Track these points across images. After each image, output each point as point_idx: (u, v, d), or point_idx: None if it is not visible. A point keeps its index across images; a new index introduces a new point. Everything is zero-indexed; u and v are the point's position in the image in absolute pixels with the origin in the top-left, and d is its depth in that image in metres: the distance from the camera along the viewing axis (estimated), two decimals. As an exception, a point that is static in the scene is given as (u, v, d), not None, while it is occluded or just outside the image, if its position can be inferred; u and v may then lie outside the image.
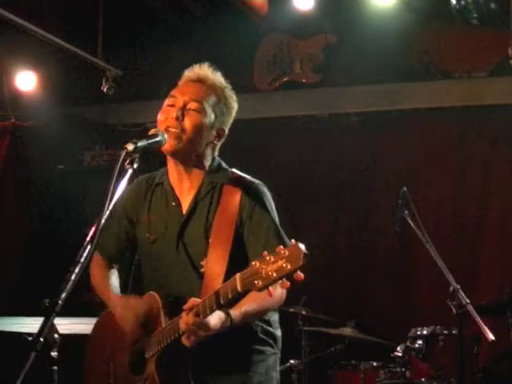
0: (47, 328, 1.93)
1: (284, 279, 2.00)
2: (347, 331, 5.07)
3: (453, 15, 5.72)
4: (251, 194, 2.59)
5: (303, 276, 1.99)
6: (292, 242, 2.02)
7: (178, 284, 2.59)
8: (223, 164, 2.72)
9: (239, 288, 2.12)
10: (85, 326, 2.94)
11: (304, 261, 1.96)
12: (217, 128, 2.64)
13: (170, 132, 2.51)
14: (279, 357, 2.73)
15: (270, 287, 2.03)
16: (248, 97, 6.27)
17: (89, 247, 2.04)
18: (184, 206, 2.64)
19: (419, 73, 6.26)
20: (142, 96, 6.62)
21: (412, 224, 4.33)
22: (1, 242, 6.27)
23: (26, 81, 6.29)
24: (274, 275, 2.00)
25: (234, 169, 2.73)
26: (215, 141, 2.66)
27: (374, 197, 6.24)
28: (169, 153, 2.58)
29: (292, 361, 5.12)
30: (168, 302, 2.51)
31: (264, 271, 2.02)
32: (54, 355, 3.43)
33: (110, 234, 2.77)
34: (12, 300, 5.77)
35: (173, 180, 2.68)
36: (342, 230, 6.36)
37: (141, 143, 2.31)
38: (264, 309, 2.55)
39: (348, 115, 6.48)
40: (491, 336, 3.83)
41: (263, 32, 6.59)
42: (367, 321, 5.44)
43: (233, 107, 2.69)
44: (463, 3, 5.60)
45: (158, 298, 2.52)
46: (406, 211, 4.40)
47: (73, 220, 6.27)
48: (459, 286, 4.09)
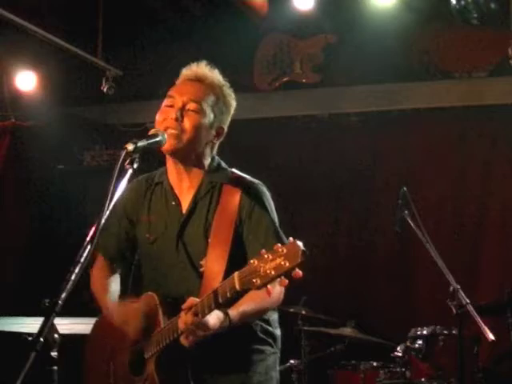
0: (47, 328, 1.93)
1: (282, 277, 1.99)
2: (347, 331, 5.07)
3: (453, 15, 5.72)
4: (251, 194, 2.59)
5: (301, 273, 1.99)
6: (290, 240, 2.01)
7: (178, 284, 2.59)
8: (223, 164, 2.72)
9: (237, 286, 2.12)
10: (85, 326, 2.94)
11: (302, 258, 1.95)
12: (216, 127, 2.63)
13: (170, 133, 2.51)
14: (279, 356, 2.73)
15: (269, 285, 2.03)
16: (248, 97, 6.27)
17: (89, 247, 2.04)
18: (184, 206, 2.64)
19: (419, 73, 6.25)
20: (142, 96, 6.61)
21: (412, 224, 4.33)
22: (1, 242, 6.27)
23: (26, 81, 6.29)
24: (273, 273, 1.99)
25: (234, 169, 2.73)
26: (214, 140, 2.66)
27: (374, 197, 6.24)
28: (168, 152, 2.58)
29: (292, 361, 5.12)
30: (166, 302, 2.51)
31: (262, 269, 2.02)
32: (54, 355, 3.42)
33: (111, 234, 2.77)
34: (12, 300, 5.77)
35: (172, 179, 2.68)
36: (342, 230, 6.36)
37: (141, 143, 2.31)
38: (263, 308, 2.54)
39: (348, 115, 6.48)
40: (491, 336, 3.83)
41: (263, 32, 6.59)
42: (367, 321, 5.45)
43: (231, 105, 2.68)
44: (463, 3, 5.60)
45: (157, 298, 2.52)
46: (406, 211, 4.40)
47: (73, 220, 6.27)
48: (459, 286, 4.09)
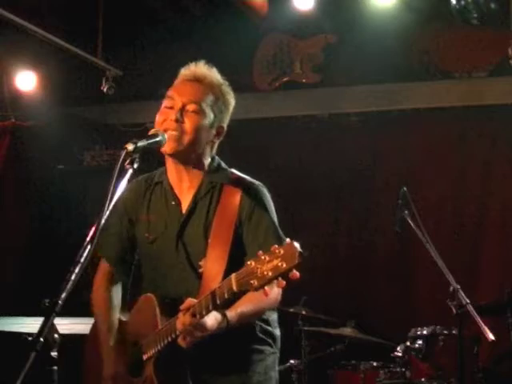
0: (47, 328, 1.93)
1: (280, 278, 1.99)
2: (347, 331, 5.07)
3: (453, 15, 5.72)
4: (251, 195, 2.59)
5: (299, 275, 1.98)
6: (287, 241, 2.01)
7: (177, 284, 2.59)
8: (223, 164, 2.72)
9: (235, 288, 2.12)
10: (85, 326, 2.94)
11: (299, 259, 1.95)
12: (216, 127, 2.63)
13: (170, 134, 2.51)
14: (278, 356, 2.73)
15: (266, 287, 2.03)
16: (248, 97, 6.28)
17: (89, 247, 2.04)
18: (184, 206, 2.64)
19: (419, 73, 6.25)
20: (142, 96, 6.61)
21: (412, 224, 4.33)
22: (1, 242, 6.27)
23: (26, 81, 6.29)
24: (270, 274, 1.99)
25: (234, 169, 2.72)
26: (215, 139, 2.66)
27: (374, 197, 6.24)
28: (168, 154, 2.58)
29: (292, 361, 5.12)
30: (165, 303, 2.51)
31: (259, 271, 2.01)
32: (54, 355, 3.42)
33: (111, 234, 2.76)
34: (12, 300, 5.77)
35: (172, 179, 2.68)
36: (342, 230, 6.36)
37: (141, 143, 2.30)
38: (260, 309, 2.54)
39: (348, 115, 6.48)
40: (491, 336, 3.83)
41: (263, 32, 6.59)
42: (367, 321, 5.45)
43: (230, 104, 2.67)
44: (463, 3, 5.59)
45: (155, 299, 2.52)
46: (406, 211, 4.40)
47: (73, 220, 6.27)
48: (459, 286, 4.09)
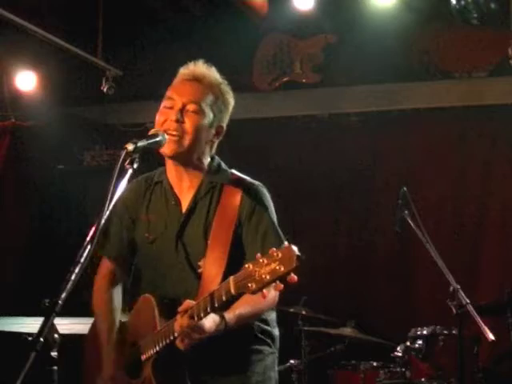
0: (47, 328, 1.93)
1: (277, 282, 2.00)
2: (347, 331, 5.07)
3: (453, 15, 5.72)
4: (251, 196, 2.58)
5: (296, 278, 1.99)
6: (285, 245, 2.01)
7: (176, 284, 2.58)
8: (223, 164, 2.71)
9: (233, 291, 2.12)
10: (85, 326, 2.94)
11: (297, 263, 1.95)
12: (216, 126, 2.63)
13: (170, 135, 2.50)
14: (277, 356, 2.72)
15: (264, 290, 2.03)
16: (248, 97, 6.28)
17: (89, 247, 2.03)
18: (183, 205, 2.64)
19: (419, 73, 6.25)
20: (142, 96, 6.61)
21: (412, 224, 4.33)
22: (1, 242, 6.27)
23: (26, 81, 6.29)
24: (268, 278, 1.99)
25: (234, 169, 2.72)
26: (214, 139, 2.66)
27: (374, 197, 6.24)
28: (168, 156, 2.58)
29: (292, 361, 5.12)
30: (163, 304, 2.51)
31: (257, 274, 2.02)
32: (54, 355, 3.42)
33: (112, 234, 2.76)
34: (12, 300, 5.77)
35: (172, 179, 2.67)
36: (342, 230, 6.36)
37: (141, 143, 2.30)
38: (258, 311, 2.54)
39: (348, 115, 6.47)
40: (491, 336, 3.83)
41: (263, 32, 6.59)
42: (367, 321, 5.45)
43: (230, 103, 2.67)
44: (463, 3, 5.59)
45: (153, 300, 2.52)
46: (406, 211, 4.40)
47: (73, 220, 6.28)
48: (459, 286, 4.09)
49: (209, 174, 2.64)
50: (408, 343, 4.68)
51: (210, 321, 2.34)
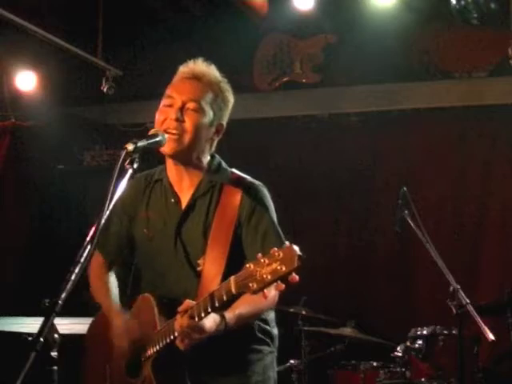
0: (47, 328, 1.92)
1: (279, 281, 1.99)
2: (347, 331, 5.07)
3: (453, 15, 5.72)
4: (251, 195, 2.58)
5: (298, 278, 1.98)
6: (286, 244, 2.00)
7: (175, 283, 2.58)
8: (223, 163, 2.71)
9: (234, 290, 2.12)
10: (85, 326, 2.94)
11: (298, 263, 1.95)
12: (216, 124, 2.63)
13: (170, 134, 2.50)
14: (276, 356, 2.72)
15: (265, 290, 2.03)
16: (248, 97, 6.29)
17: (89, 247, 2.03)
18: (183, 204, 2.64)
19: (419, 73, 6.25)
20: (142, 96, 6.61)
21: (412, 224, 4.33)
22: (1, 242, 6.27)
23: (26, 81, 6.29)
24: (269, 278, 1.99)
25: (234, 169, 2.72)
26: (214, 137, 2.66)
27: (374, 197, 6.24)
28: (168, 155, 2.58)
29: (292, 361, 5.12)
30: (163, 303, 2.50)
31: (258, 274, 2.01)
32: (54, 355, 3.42)
33: (110, 233, 2.76)
34: (12, 300, 5.77)
35: (172, 177, 2.67)
36: (342, 230, 6.36)
37: (141, 143, 2.30)
38: (259, 311, 2.54)
39: (348, 115, 6.47)
40: (491, 336, 3.83)
41: (263, 32, 6.59)
42: (367, 321, 5.44)
43: (229, 101, 2.67)
44: (463, 3, 5.59)
45: (153, 300, 2.52)
46: (406, 211, 4.40)
47: (73, 220, 6.28)
48: (459, 286, 4.09)
49: (209, 173, 2.64)
50: (408, 343, 4.67)
51: (211, 321, 2.34)
